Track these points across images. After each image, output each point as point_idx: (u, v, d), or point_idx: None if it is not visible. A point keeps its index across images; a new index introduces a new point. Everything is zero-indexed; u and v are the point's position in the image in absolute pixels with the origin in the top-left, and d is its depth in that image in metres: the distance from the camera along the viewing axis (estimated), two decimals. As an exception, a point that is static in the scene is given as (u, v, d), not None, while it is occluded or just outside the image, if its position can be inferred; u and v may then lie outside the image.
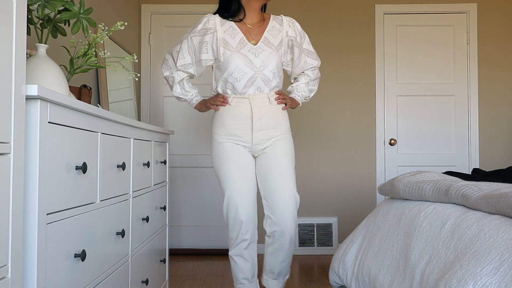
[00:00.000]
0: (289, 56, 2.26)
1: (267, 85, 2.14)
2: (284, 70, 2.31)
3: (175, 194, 3.76)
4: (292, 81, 2.39)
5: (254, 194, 2.18)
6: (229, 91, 2.16)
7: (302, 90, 2.34)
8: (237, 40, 2.13)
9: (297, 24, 2.25)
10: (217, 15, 2.19)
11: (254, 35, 2.16)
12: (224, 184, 2.14)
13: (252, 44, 2.14)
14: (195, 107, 2.32)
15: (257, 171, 2.19)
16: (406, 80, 3.80)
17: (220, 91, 2.20)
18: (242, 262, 2.19)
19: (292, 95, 2.33)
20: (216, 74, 2.21)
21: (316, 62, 2.32)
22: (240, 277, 2.20)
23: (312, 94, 2.38)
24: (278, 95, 2.19)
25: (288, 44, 2.22)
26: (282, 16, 2.25)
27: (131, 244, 1.77)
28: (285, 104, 2.22)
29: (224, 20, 2.17)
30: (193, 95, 2.31)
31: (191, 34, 2.18)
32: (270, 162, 2.14)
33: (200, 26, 2.16)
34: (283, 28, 2.20)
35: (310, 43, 2.31)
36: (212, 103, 2.20)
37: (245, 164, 2.15)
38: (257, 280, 2.27)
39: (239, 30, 2.15)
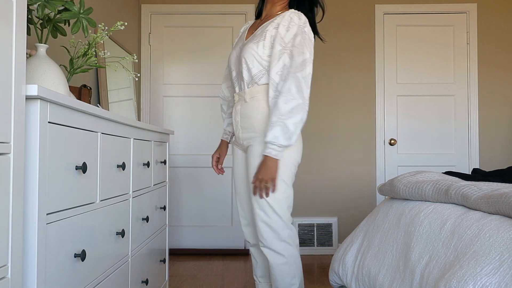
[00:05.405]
0: (268, 52, 1.81)
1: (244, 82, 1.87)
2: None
3: (175, 194, 3.76)
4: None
5: None
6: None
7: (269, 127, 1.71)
8: (240, 36, 2.03)
9: (295, 16, 1.80)
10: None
11: (253, 31, 1.93)
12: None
13: (245, 41, 1.92)
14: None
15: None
16: (406, 80, 3.79)
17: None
18: None
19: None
20: None
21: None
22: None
23: (271, 136, 1.67)
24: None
25: (272, 37, 1.80)
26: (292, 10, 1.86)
27: (131, 244, 1.77)
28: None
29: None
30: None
31: None
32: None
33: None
34: (277, 20, 1.81)
35: (300, 40, 1.77)
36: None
37: None
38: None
39: (248, 28, 2.00)
